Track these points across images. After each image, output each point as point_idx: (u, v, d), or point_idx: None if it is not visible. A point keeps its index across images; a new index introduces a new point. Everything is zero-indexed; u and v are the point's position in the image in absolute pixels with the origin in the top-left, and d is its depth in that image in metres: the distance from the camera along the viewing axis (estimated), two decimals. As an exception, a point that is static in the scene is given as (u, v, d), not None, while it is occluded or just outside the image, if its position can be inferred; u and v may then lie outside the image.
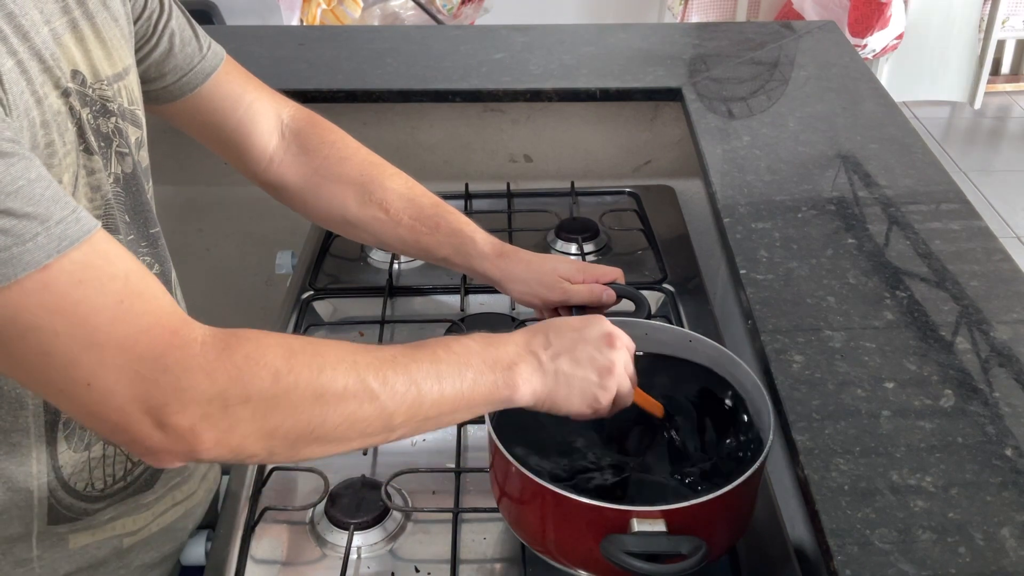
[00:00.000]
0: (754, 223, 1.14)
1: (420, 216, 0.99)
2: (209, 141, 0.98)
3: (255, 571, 0.87)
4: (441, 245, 0.99)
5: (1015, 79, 4.29)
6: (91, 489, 0.83)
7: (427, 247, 1.00)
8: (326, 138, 1.01)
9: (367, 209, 0.99)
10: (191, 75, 0.91)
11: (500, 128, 1.61)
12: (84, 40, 0.74)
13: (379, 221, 0.99)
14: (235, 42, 1.71)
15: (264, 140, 0.98)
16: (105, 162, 0.75)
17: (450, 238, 0.99)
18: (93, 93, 0.74)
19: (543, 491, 0.77)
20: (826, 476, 0.79)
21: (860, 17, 3.41)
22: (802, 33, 1.72)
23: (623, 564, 0.72)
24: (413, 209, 0.99)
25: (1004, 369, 0.91)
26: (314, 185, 0.99)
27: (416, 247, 1.00)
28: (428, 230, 0.99)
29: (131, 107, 0.80)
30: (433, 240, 0.99)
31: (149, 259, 0.83)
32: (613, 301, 0.98)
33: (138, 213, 0.81)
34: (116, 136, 0.77)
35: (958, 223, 1.14)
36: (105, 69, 0.76)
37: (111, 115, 0.76)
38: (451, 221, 0.99)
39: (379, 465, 0.99)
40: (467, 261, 1.00)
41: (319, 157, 0.99)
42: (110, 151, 0.76)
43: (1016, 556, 0.72)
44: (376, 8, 3.07)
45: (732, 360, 0.90)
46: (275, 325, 1.21)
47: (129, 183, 0.79)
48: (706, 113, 1.42)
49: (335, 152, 1.00)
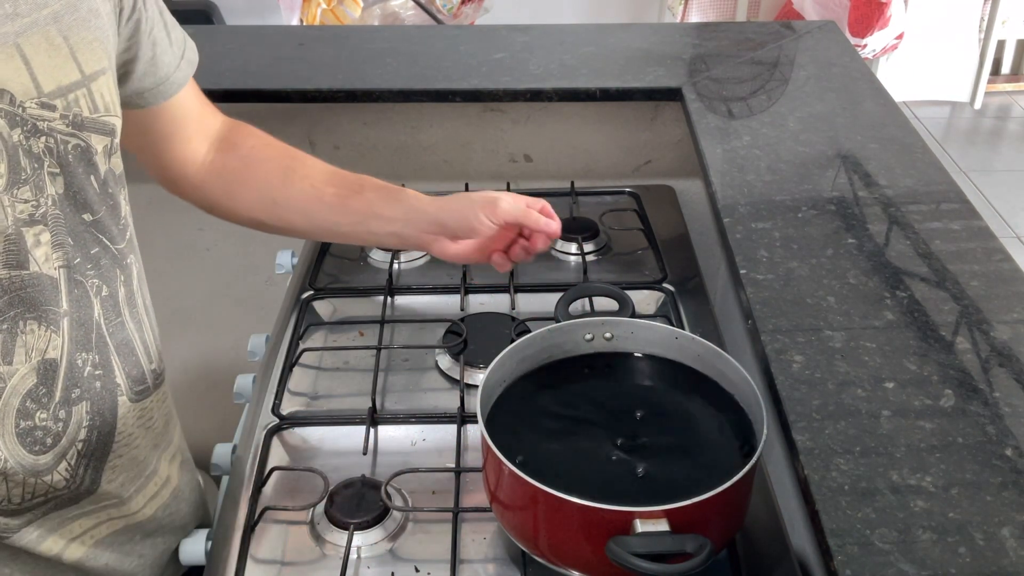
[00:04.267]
0: (754, 223, 1.14)
1: (344, 183, 0.99)
2: (143, 150, 0.97)
3: (255, 571, 0.88)
4: (370, 202, 0.99)
5: (1015, 79, 4.29)
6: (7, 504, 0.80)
7: (356, 209, 0.99)
8: (252, 131, 1.03)
9: (293, 185, 0.99)
10: (165, 85, 0.91)
11: (500, 128, 1.61)
12: (22, 54, 0.70)
13: (305, 195, 0.99)
14: (235, 42, 1.71)
15: (195, 146, 0.99)
16: (37, 186, 0.73)
17: (376, 192, 0.99)
18: (23, 112, 0.71)
19: (542, 495, 0.76)
20: (826, 476, 0.79)
21: (860, 17, 3.42)
22: (802, 33, 1.72)
23: (630, 565, 0.71)
24: (337, 178, 0.99)
25: (1004, 369, 0.91)
26: (239, 172, 1.00)
27: (344, 213, 0.99)
28: (353, 193, 0.99)
29: (94, 115, 0.77)
30: (361, 200, 0.99)
31: (97, 281, 0.81)
32: (545, 214, 0.99)
33: (78, 234, 0.78)
34: (48, 156, 0.74)
35: (958, 223, 1.14)
36: (47, 83, 0.73)
37: (40, 134, 0.73)
38: (375, 181, 0.99)
39: (379, 465, 0.99)
40: (399, 205, 0.98)
41: (245, 147, 1.01)
42: (42, 172, 0.74)
43: (1016, 556, 0.72)
44: (376, 8, 3.07)
45: (719, 355, 0.90)
46: (275, 325, 1.21)
47: (66, 203, 0.76)
48: (706, 113, 1.42)
49: (260, 141, 1.02)
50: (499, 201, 0.96)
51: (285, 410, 1.06)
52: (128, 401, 0.86)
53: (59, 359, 0.78)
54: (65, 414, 0.79)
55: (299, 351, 1.14)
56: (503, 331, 1.14)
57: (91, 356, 0.81)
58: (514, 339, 0.94)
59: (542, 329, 0.94)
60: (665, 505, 0.74)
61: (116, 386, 0.84)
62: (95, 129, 0.78)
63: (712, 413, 0.90)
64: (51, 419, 0.78)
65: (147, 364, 0.89)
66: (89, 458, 0.83)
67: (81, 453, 0.82)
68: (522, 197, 0.99)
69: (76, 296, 0.78)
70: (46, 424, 0.78)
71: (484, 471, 0.87)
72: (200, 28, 1.82)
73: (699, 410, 0.91)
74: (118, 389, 0.84)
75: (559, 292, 1.04)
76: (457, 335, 1.14)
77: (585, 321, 0.96)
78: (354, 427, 1.02)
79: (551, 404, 0.92)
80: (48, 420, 0.78)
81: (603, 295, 1.09)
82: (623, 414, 0.90)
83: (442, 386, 1.10)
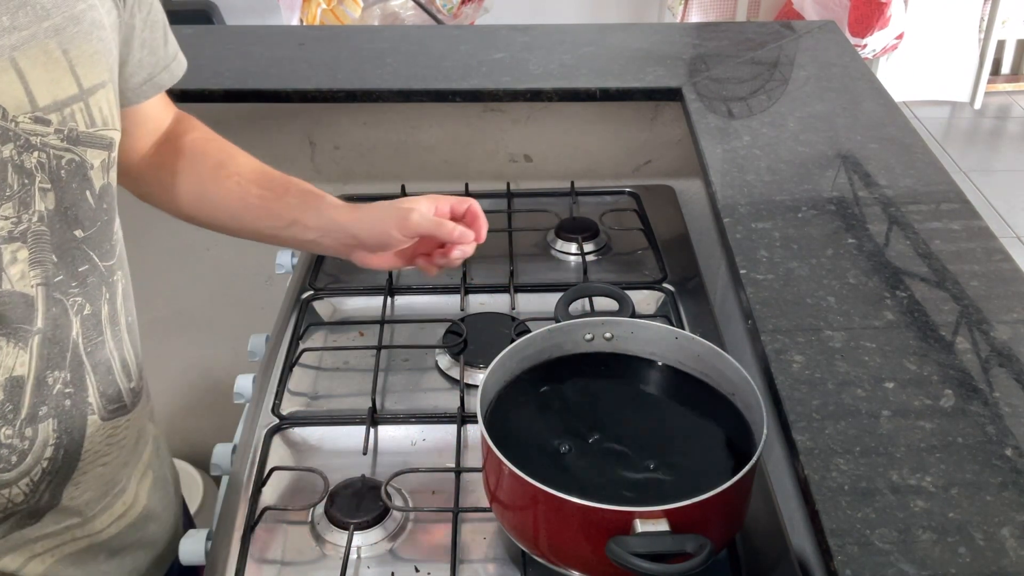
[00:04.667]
0: (754, 223, 1.14)
1: (270, 185, 0.97)
2: None
3: (255, 571, 0.87)
4: (292, 208, 0.95)
5: (1015, 79, 4.29)
6: None
7: (278, 213, 0.96)
8: (195, 125, 1.01)
9: (221, 182, 0.97)
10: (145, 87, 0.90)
11: (500, 128, 1.61)
12: (16, 68, 0.70)
13: (232, 193, 0.97)
14: (235, 42, 1.71)
15: (142, 142, 0.97)
16: (22, 203, 0.73)
17: (299, 198, 0.96)
18: (15, 127, 0.71)
19: (542, 495, 0.76)
20: (826, 476, 0.79)
21: (860, 17, 3.42)
22: (802, 33, 1.72)
23: (630, 565, 0.71)
24: (264, 179, 0.97)
25: (1004, 369, 0.91)
26: (174, 166, 0.97)
27: (267, 216, 0.97)
28: (277, 196, 0.96)
29: (90, 129, 0.77)
30: (283, 204, 0.96)
31: (80, 299, 0.80)
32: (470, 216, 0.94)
33: (65, 251, 0.77)
34: (40, 171, 0.74)
35: (958, 223, 1.14)
36: (43, 97, 0.72)
37: (33, 149, 0.72)
38: (300, 186, 0.97)
39: (379, 465, 0.99)
40: (317, 215, 0.95)
41: (184, 141, 0.99)
42: (32, 188, 0.73)
43: (1016, 556, 0.72)
44: (376, 8, 3.07)
45: (719, 355, 0.90)
46: (275, 325, 1.21)
47: (56, 219, 0.76)
48: (706, 113, 1.42)
49: (200, 136, 1.00)
50: (411, 214, 0.91)
51: (285, 410, 1.06)
52: (99, 420, 0.85)
53: (26, 376, 0.77)
54: (31, 432, 0.78)
55: (299, 351, 1.14)
56: (503, 331, 1.14)
57: (63, 374, 0.80)
58: (514, 339, 0.94)
59: (542, 329, 0.94)
60: (665, 505, 0.74)
61: (87, 405, 0.83)
62: (92, 143, 0.77)
63: (712, 413, 0.90)
64: (16, 436, 0.78)
65: (125, 383, 0.88)
66: (53, 475, 0.82)
67: (46, 471, 0.81)
68: (446, 199, 0.94)
69: (54, 315, 0.78)
70: (11, 442, 0.77)
71: (484, 471, 0.87)
72: (200, 28, 1.82)
73: (699, 410, 0.91)
74: (89, 408, 0.83)
75: (559, 292, 1.04)
76: (457, 335, 1.14)
77: (585, 321, 0.96)
78: (354, 427, 1.02)
79: (551, 404, 0.92)
80: (14, 438, 0.77)
81: (603, 295, 1.09)
82: (623, 414, 0.90)
83: (442, 386, 1.10)
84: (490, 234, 1.37)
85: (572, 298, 1.03)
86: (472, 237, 0.93)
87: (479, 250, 0.96)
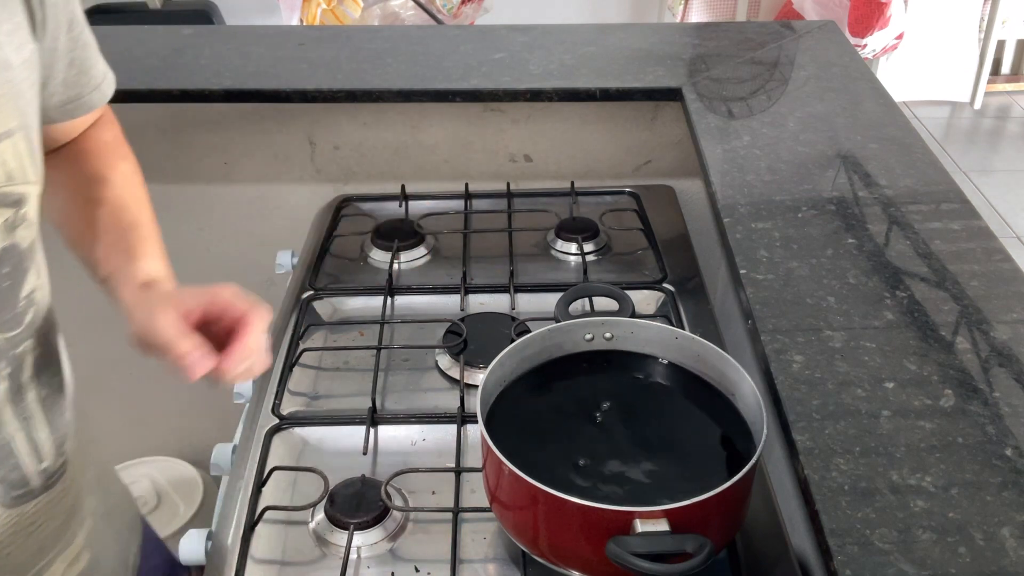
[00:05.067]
0: (754, 223, 1.14)
1: (111, 227, 0.87)
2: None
3: (255, 571, 0.87)
4: (110, 262, 0.84)
5: (1015, 79, 4.29)
6: None
7: (100, 259, 0.85)
8: (96, 135, 0.92)
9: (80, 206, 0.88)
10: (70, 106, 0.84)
11: (500, 128, 1.61)
12: None
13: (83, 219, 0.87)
14: (235, 42, 1.71)
15: None
16: None
17: (117, 258, 0.84)
18: None
19: (542, 495, 0.76)
20: (826, 476, 0.79)
21: (860, 17, 3.42)
22: (802, 33, 1.72)
23: (630, 565, 0.72)
24: (111, 217, 0.87)
25: (1004, 369, 0.91)
26: (53, 174, 0.84)
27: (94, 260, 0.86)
28: (110, 244, 0.85)
29: None
30: (109, 256, 0.85)
31: None
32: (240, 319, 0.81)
33: None
34: None
35: (958, 223, 1.14)
36: None
37: None
38: (128, 246, 0.85)
39: (379, 465, 0.99)
40: (115, 288, 0.83)
41: (72, 150, 0.90)
42: None
43: (1016, 556, 0.72)
44: (376, 8, 3.07)
45: (719, 355, 0.90)
46: (275, 325, 1.21)
47: None
48: (706, 113, 1.42)
49: (91, 146, 0.91)
50: (156, 329, 0.76)
51: (285, 410, 1.06)
52: (2, 508, 0.77)
53: None
54: None
55: (299, 351, 1.14)
56: (503, 331, 1.14)
57: None
58: (514, 339, 0.94)
59: (542, 329, 0.94)
60: (665, 505, 0.74)
61: None
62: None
63: (712, 413, 0.90)
64: None
65: (34, 465, 0.79)
66: None
67: None
68: (196, 306, 0.79)
69: None
70: None
71: (484, 471, 0.87)
72: (200, 28, 1.82)
73: (699, 410, 0.91)
74: None
75: (559, 292, 1.04)
76: (457, 335, 1.14)
77: (585, 321, 0.96)
78: (354, 427, 1.02)
79: (551, 404, 0.92)
80: None
81: (603, 295, 1.09)
82: (623, 414, 0.90)
83: (442, 386, 1.10)
84: (490, 234, 1.38)
85: (572, 298, 1.03)
86: (208, 368, 0.75)
87: (480, 250, 0.96)
